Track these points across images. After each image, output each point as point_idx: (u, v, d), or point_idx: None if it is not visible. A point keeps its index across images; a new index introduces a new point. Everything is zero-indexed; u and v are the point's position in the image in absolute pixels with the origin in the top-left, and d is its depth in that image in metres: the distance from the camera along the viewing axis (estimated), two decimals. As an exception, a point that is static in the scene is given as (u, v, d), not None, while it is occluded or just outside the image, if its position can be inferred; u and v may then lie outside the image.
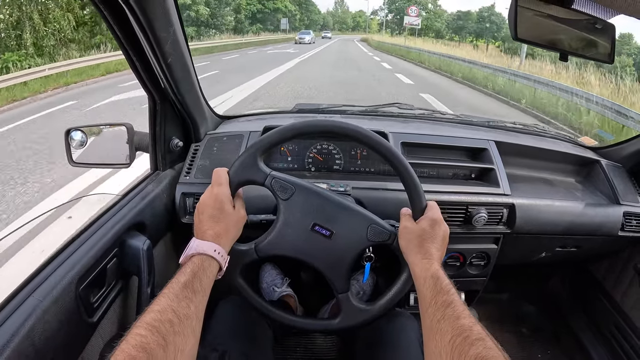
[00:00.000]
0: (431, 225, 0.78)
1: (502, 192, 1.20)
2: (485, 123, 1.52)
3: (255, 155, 0.83)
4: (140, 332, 0.53)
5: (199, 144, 1.22)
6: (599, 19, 0.97)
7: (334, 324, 0.87)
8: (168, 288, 0.62)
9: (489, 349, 0.53)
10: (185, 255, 0.71)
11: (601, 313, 1.55)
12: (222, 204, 0.77)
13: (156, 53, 0.87)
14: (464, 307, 0.62)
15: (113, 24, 0.79)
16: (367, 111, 1.51)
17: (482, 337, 0.55)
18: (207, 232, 0.74)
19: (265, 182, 0.83)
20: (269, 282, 1.40)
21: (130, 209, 0.96)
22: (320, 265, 0.84)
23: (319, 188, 0.86)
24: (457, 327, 0.58)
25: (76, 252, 0.79)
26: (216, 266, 0.72)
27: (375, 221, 0.84)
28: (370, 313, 0.85)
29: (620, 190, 1.33)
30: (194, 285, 0.64)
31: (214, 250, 0.71)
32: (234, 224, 0.79)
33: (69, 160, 1.17)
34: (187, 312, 0.59)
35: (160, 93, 1.02)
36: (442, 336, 0.58)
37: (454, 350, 0.55)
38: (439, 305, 0.63)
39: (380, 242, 0.83)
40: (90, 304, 0.79)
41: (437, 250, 0.76)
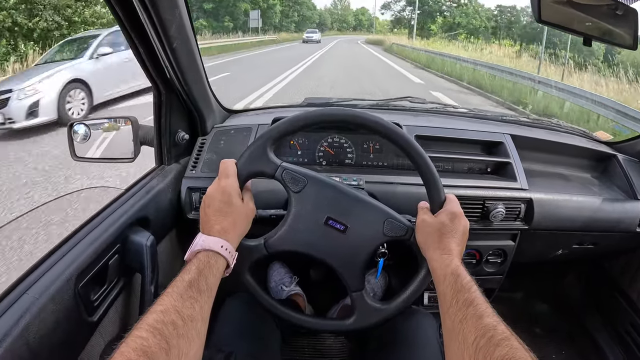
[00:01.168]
0: (451, 219, 0.74)
1: (519, 186, 1.17)
2: (499, 117, 1.50)
3: (265, 146, 0.78)
4: (142, 335, 0.49)
5: (206, 137, 1.19)
6: (621, 3, 0.94)
7: (347, 324, 0.82)
8: (172, 287, 0.58)
9: (515, 349, 0.50)
10: (190, 251, 0.67)
11: (617, 312, 1.51)
12: (230, 197, 0.73)
13: (160, 37, 0.83)
14: (486, 305, 0.59)
15: (115, 4, 0.76)
16: (378, 105, 1.48)
17: (507, 336, 0.52)
18: (213, 226, 0.70)
19: (276, 174, 0.79)
20: (277, 281, 1.37)
21: (133, 203, 0.93)
22: (333, 261, 0.80)
23: (332, 180, 0.82)
24: (481, 327, 0.54)
25: (75, 247, 0.76)
26: (223, 263, 0.68)
27: (391, 215, 0.80)
28: (386, 313, 0.81)
29: (638, 185, 1.30)
30: (200, 284, 0.60)
31: (221, 246, 0.67)
32: (242, 218, 0.75)
33: (72, 155, 1.14)
34: (191, 312, 0.56)
35: (165, 83, 0.99)
36: (465, 337, 0.55)
37: (478, 352, 0.52)
38: (460, 305, 0.60)
39: (397, 238, 0.79)
40: (90, 302, 0.76)
41: (457, 245, 0.72)
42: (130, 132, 1.12)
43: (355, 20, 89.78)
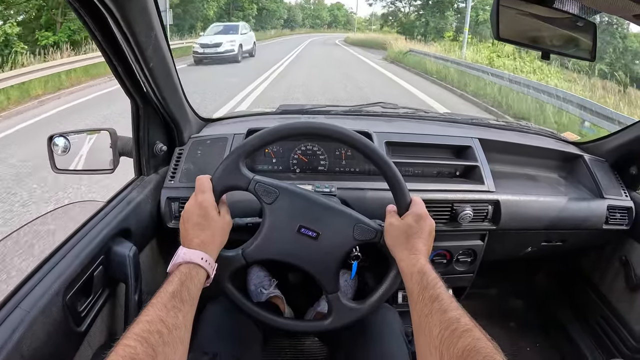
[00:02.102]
0: (416, 220, 0.78)
1: (486, 188, 1.21)
2: (469, 120, 1.54)
3: (237, 161, 0.82)
4: (130, 343, 0.52)
5: (183, 147, 1.22)
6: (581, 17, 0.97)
7: (325, 324, 0.87)
8: (156, 298, 0.62)
9: (477, 340, 0.53)
10: (172, 264, 0.71)
11: (588, 305, 1.57)
12: (207, 210, 0.77)
13: (137, 58, 0.86)
14: (451, 300, 0.63)
15: (93, 28, 0.78)
16: (351, 111, 1.51)
17: (469, 328, 0.56)
18: (193, 240, 0.74)
19: (249, 187, 0.83)
20: (256, 284, 1.40)
21: (115, 215, 0.96)
22: (308, 267, 0.84)
23: (303, 190, 0.86)
24: (445, 321, 0.58)
25: (62, 260, 0.78)
26: (204, 274, 0.72)
27: (361, 220, 0.84)
28: (361, 312, 0.85)
29: (604, 184, 1.35)
30: (182, 294, 0.64)
31: (201, 258, 0.72)
32: (220, 230, 0.79)
33: (52, 168, 1.16)
34: (175, 322, 0.59)
35: (142, 97, 1.01)
36: (430, 330, 0.59)
37: (442, 344, 0.55)
38: (426, 300, 0.64)
39: (366, 241, 0.84)
40: (77, 312, 0.78)
41: (424, 245, 0.76)
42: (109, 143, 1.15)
43: (331, 16, 78.44)
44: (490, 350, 0.52)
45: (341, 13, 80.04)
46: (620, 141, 1.40)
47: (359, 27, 66.43)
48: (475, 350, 0.52)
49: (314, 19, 73.75)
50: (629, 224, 1.35)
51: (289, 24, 57.58)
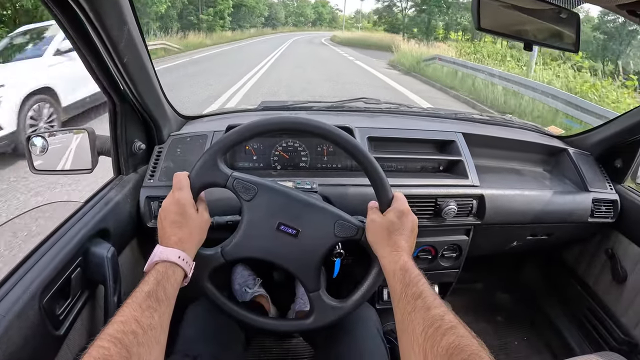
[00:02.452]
0: (398, 217, 0.77)
1: (470, 183, 1.21)
2: (453, 115, 1.53)
3: (215, 157, 0.81)
4: (103, 345, 0.51)
5: (163, 145, 1.19)
6: (564, 8, 0.96)
7: (306, 323, 0.85)
8: (132, 298, 0.60)
9: (461, 337, 0.52)
10: (149, 262, 0.69)
11: (575, 298, 1.58)
12: (185, 208, 0.75)
13: (111, 53, 0.84)
14: (434, 297, 0.61)
15: (65, 23, 0.76)
16: (334, 107, 1.50)
17: (453, 325, 0.55)
18: (170, 238, 0.72)
19: (227, 184, 0.81)
20: (241, 284, 1.39)
21: (92, 215, 0.94)
22: (289, 265, 0.83)
23: (282, 187, 0.84)
24: (429, 318, 0.57)
25: (38, 263, 0.76)
26: (181, 273, 0.70)
27: (341, 217, 0.83)
28: (343, 310, 0.84)
29: (589, 177, 1.36)
30: (158, 294, 0.62)
31: (178, 256, 0.70)
32: (197, 228, 0.77)
33: (30, 168, 1.14)
34: (151, 322, 0.58)
35: (119, 95, 0.99)
36: (414, 328, 0.58)
37: (427, 342, 0.54)
38: (409, 298, 0.63)
39: (348, 238, 0.82)
40: (55, 316, 0.77)
41: (406, 241, 0.75)
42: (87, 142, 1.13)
43: (315, 13, 74.66)
44: (475, 348, 0.51)
45: (326, 10, 76.93)
46: (605, 134, 1.40)
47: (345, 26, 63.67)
48: (459, 348, 0.51)
49: (297, 16, 70.36)
50: (614, 217, 1.36)
51: (271, 22, 53.92)
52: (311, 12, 73.87)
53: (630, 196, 1.36)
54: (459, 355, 0.50)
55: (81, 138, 1.13)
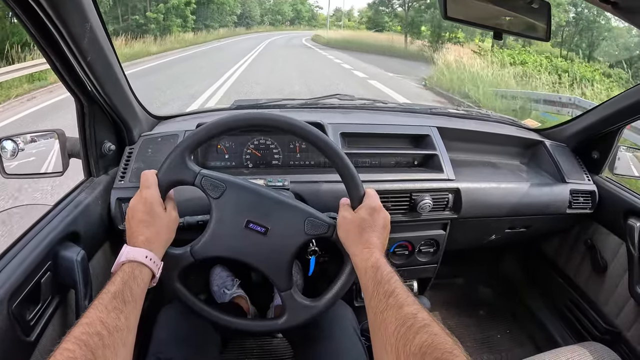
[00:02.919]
0: (370, 214, 0.76)
1: (446, 177, 1.20)
2: (428, 110, 1.53)
3: (183, 155, 0.79)
4: (68, 347, 0.50)
5: (133, 146, 1.18)
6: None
7: (279, 323, 0.84)
8: (98, 299, 0.59)
9: (434, 335, 0.51)
10: (116, 263, 0.68)
11: (556, 289, 1.58)
12: (152, 206, 0.74)
13: (73, 51, 0.81)
14: (407, 295, 0.60)
15: (24, 19, 0.74)
16: (307, 104, 1.49)
17: (427, 323, 0.53)
18: (137, 237, 0.71)
19: (195, 182, 0.80)
20: (219, 285, 1.37)
21: (62, 218, 0.92)
22: (258, 263, 0.81)
23: (251, 184, 0.83)
24: (401, 317, 0.56)
25: (5, 268, 0.74)
26: (148, 273, 0.69)
27: (312, 214, 0.82)
28: (316, 309, 0.83)
29: (566, 169, 1.36)
30: (124, 295, 0.61)
31: (145, 256, 0.68)
32: (165, 227, 0.76)
33: (1, 173, 1.12)
34: (116, 323, 0.57)
35: (86, 95, 0.97)
36: (386, 327, 0.56)
37: (399, 341, 0.53)
38: (381, 296, 0.61)
39: (318, 235, 0.81)
40: (26, 321, 0.75)
41: (378, 238, 0.74)
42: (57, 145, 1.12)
43: (293, 11, 66.35)
44: (449, 346, 0.50)
45: (305, 8, 68.33)
46: (580, 126, 1.41)
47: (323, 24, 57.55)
48: (432, 346, 0.50)
49: (274, 14, 61.68)
50: (593, 208, 1.36)
51: (244, 20, 46.84)
52: (289, 9, 65.32)
53: (608, 187, 1.37)
54: (432, 354, 0.49)
55: (52, 140, 1.12)
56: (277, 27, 57.51)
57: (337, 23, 58.54)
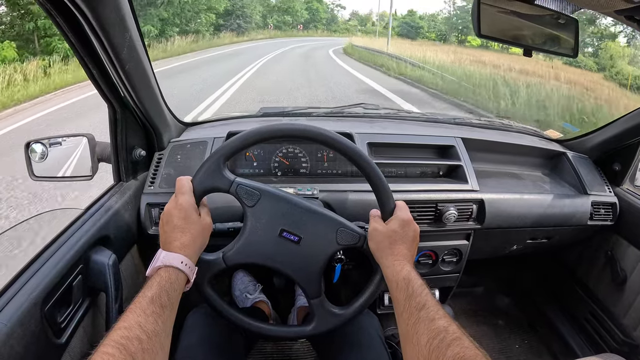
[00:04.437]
0: (401, 226, 0.77)
1: (470, 188, 1.21)
2: (451, 120, 1.54)
3: (219, 162, 0.81)
4: (108, 351, 0.51)
5: (163, 152, 1.19)
6: (562, 13, 0.97)
7: (308, 330, 0.85)
8: (135, 303, 0.60)
9: (466, 348, 0.53)
10: (152, 267, 0.69)
11: (575, 301, 1.58)
12: (187, 212, 0.75)
13: (112, 60, 0.83)
14: (438, 308, 0.62)
15: (67, 30, 0.76)
16: (333, 112, 1.50)
17: (458, 336, 0.55)
18: (173, 243, 0.72)
19: (230, 189, 0.81)
20: (241, 290, 1.38)
21: (93, 223, 0.93)
22: (290, 271, 0.83)
23: (285, 193, 0.84)
24: (433, 330, 0.57)
25: (39, 271, 0.76)
26: (184, 278, 0.70)
27: (344, 224, 0.83)
28: (344, 317, 0.84)
29: (588, 180, 1.36)
30: (162, 299, 0.62)
31: (181, 262, 0.69)
32: (200, 233, 0.76)
33: (30, 175, 1.14)
34: (155, 328, 0.58)
35: (119, 102, 0.99)
36: (419, 339, 0.58)
37: (432, 353, 0.55)
38: (413, 309, 0.63)
39: (350, 245, 0.82)
40: (57, 324, 0.76)
41: (409, 250, 0.75)
42: (87, 149, 1.13)
43: (308, 11, 49.70)
44: (480, 359, 0.52)
45: (322, 7, 52.72)
46: (603, 137, 1.41)
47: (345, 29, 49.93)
48: (465, 359, 0.51)
49: (281, 14, 45.93)
50: (614, 220, 1.36)
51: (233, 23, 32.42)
52: (302, 8, 48.77)
53: (629, 199, 1.37)
54: None
55: (81, 144, 1.13)
56: (285, 32, 43.95)
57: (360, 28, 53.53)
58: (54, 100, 8.53)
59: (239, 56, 17.49)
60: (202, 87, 9.10)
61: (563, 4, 0.95)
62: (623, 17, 0.79)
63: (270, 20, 44.97)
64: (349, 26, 56.55)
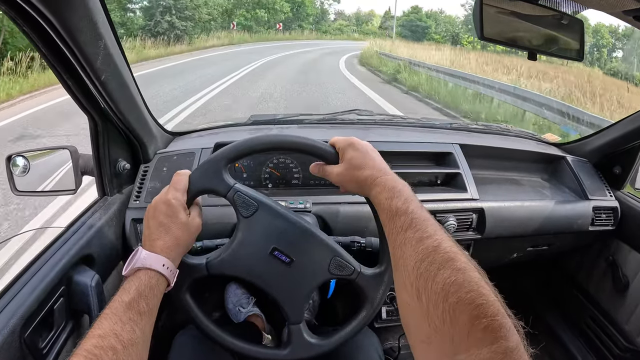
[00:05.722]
0: (353, 149, 0.72)
1: (470, 196, 1.18)
2: (448, 125, 1.50)
3: (221, 164, 0.76)
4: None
5: (149, 164, 1.15)
6: (566, 14, 0.94)
7: (282, 354, 0.81)
8: (110, 308, 0.56)
9: (457, 271, 0.45)
10: (130, 267, 0.63)
11: (576, 307, 1.55)
12: (175, 211, 0.69)
13: (87, 71, 0.78)
14: (427, 224, 0.54)
15: (36, 41, 0.71)
16: (325, 120, 1.46)
17: (450, 256, 0.48)
18: (155, 242, 0.66)
19: (228, 195, 0.76)
20: (234, 303, 1.34)
21: (75, 241, 0.89)
22: (274, 292, 0.78)
23: (283, 209, 0.79)
24: (420, 251, 0.50)
25: (17, 295, 0.71)
26: (164, 283, 0.65)
27: (340, 254, 0.78)
28: (322, 349, 0.80)
29: (588, 185, 1.34)
30: (140, 306, 0.57)
31: (163, 264, 0.64)
32: (186, 234, 0.71)
33: (12, 190, 1.09)
34: (132, 336, 0.53)
35: (100, 113, 0.94)
36: (405, 264, 0.51)
37: (419, 279, 0.47)
38: (398, 229, 0.55)
39: (342, 277, 0.78)
40: (39, 349, 0.72)
41: (381, 162, 0.70)
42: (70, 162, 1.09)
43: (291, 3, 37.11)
44: (475, 284, 0.44)
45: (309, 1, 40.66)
46: (603, 141, 1.39)
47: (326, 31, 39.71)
48: (456, 284, 0.44)
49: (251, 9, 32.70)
50: (615, 224, 1.34)
51: (159, 25, 21.46)
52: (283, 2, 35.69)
53: (630, 203, 1.34)
54: (456, 293, 0.44)
55: (64, 157, 1.09)
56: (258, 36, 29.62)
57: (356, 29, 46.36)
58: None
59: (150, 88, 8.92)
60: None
61: (568, 4, 0.92)
62: (631, 17, 0.76)
63: (237, 17, 30.82)
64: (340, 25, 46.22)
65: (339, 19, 48.29)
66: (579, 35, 0.94)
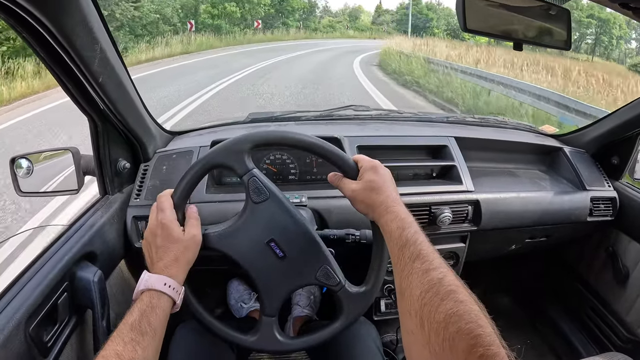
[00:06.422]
0: (375, 173, 0.74)
1: (465, 188, 1.18)
2: (444, 119, 1.50)
3: (247, 147, 0.77)
4: None
5: (148, 163, 1.17)
6: (553, 4, 0.94)
7: (248, 340, 0.82)
8: (117, 330, 0.59)
9: (460, 303, 0.48)
10: (135, 291, 0.67)
11: (576, 298, 1.55)
12: (169, 230, 0.72)
13: (85, 74, 0.81)
14: (433, 257, 0.57)
15: (35, 45, 0.73)
16: (322, 116, 1.47)
17: (452, 289, 0.50)
18: (156, 264, 0.70)
19: (244, 177, 0.78)
20: (236, 299, 1.36)
21: (78, 238, 0.91)
22: (259, 280, 0.79)
23: (292, 207, 0.80)
24: (426, 282, 0.53)
25: (22, 290, 0.74)
26: (168, 301, 0.67)
27: (330, 264, 0.79)
28: (284, 347, 0.82)
29: (586, 176, 1.33)
30: (142, 326, 0.60)
31: (164, 283, 0.67)
32: (184, 250, 0.72)
33: (16, 191, 1.12)
34: (133, 356, 0.56)
35: (99, 114, 0.97)
36: (412, 292, 0.54)
37: (423, 308, 0.50)
38: (407, 260, 0.58)
39: (327, 285, 0.79)
40: (43, 343, 0.74)
41: (394, 191, 0.72)
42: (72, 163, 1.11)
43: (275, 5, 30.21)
44: (474, 315, 0.47)
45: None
46: (600, 131, 1.38)
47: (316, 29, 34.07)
48: (457, 315, 0.47)
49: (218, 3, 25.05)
50: (614, 215, 1.34)
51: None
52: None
53: (629, 192, 1.34)
54: (456, 323, 0.46)
55: (66, 158, 1.11)
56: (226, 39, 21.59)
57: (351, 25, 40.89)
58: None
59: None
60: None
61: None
62: (617, 4, 0.76)
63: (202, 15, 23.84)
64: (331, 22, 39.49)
65: (326, 15, 42.66)
66: (567, 25, 0.94)
